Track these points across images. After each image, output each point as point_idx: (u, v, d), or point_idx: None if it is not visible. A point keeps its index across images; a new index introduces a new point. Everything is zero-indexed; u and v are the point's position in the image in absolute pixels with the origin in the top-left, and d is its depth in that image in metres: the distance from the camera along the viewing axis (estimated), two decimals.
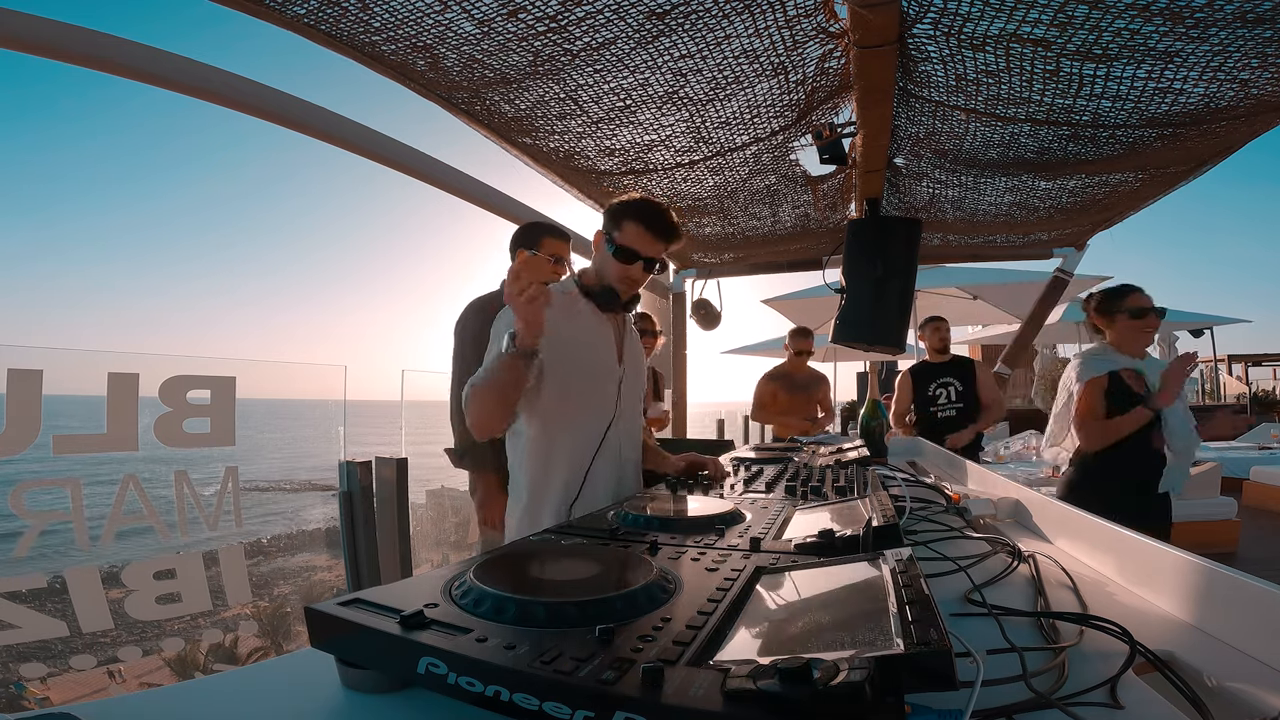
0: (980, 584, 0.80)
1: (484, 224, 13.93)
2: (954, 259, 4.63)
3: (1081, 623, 0.67)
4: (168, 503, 1.99)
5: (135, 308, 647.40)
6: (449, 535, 3.42)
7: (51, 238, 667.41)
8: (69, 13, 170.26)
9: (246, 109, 1.78)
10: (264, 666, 0.65)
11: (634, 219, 1.39)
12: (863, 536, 0.76)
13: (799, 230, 3.61)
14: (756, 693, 0.37)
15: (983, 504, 1.35)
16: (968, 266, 5.94)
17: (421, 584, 0.61)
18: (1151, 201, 3.05)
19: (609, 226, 1.43)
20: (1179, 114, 1.99)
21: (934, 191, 3.02)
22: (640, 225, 1.39)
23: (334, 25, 1.61)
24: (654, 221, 1.40)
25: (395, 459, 2.55)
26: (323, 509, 2.76)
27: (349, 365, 2.84)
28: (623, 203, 1.44)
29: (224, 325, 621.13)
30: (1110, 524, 0.95)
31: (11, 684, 1.75)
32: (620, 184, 2.86)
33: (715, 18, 1.63)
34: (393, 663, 0.49)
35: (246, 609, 2.23)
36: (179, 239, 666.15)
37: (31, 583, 1.76)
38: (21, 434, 1.71)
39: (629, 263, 1.40)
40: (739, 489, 1.32)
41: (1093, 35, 1.60)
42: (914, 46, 1.77)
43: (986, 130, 2.25)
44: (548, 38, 1.69)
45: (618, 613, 0.54)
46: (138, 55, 1.55)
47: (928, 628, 0.43)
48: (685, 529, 0.91)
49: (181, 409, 2.01)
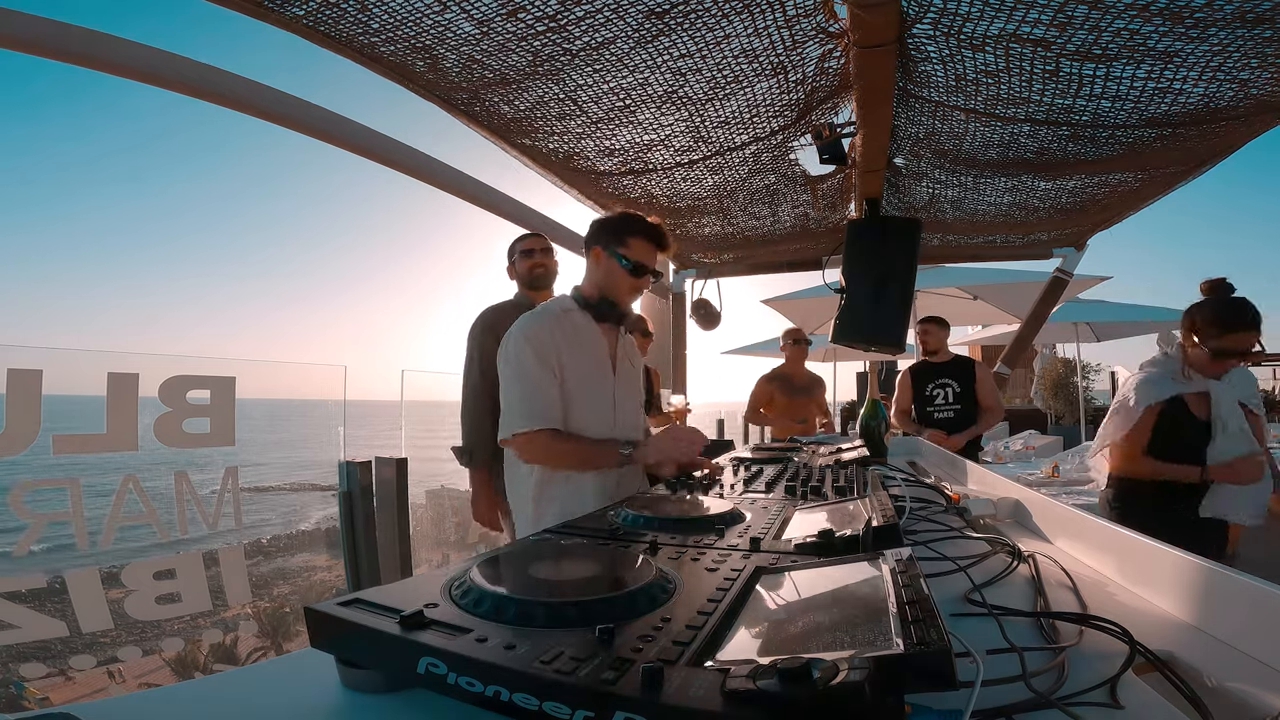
0: (980, 584, 0.80)
1: (484, 224, 13.88)
2: (954, 259, 4.62)
3: (1081, 623, 0.67)
4: (168, 502, 1.99)
5: (135, 308, 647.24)
6: (449, 535, 3.43)
7: (51, 238, 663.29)
8: (69, 13, 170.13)
9: (245, 109, 1.78)
10: (264, 666, 0.65)
11: (639, 235, 1.53)
12: (863, 536, 0.76)
13: (799, 230, 3.61)
14: (756, 692, 0.37)
15: (983, 504, 1.35)
16: (968, 266, 5.94)
17: (421, 584, 0.61)
18: (1151, 201, 3.05)
19: (612, 243, 1.53)
20: (1178, 114, 1.99)
21: (934, 191, 3.02)
22: (645, 240, 1.53)
23: (333, 26, 1.61)
24: (657, 235, 1.54)
25: (395, 459, 2.56)
26: (323, 509, 2.76)
27: (349, 365, 2.84)
28: (622, 219, 1.56)
29: (223, 325, 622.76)
30: (1110, 524, 0.95)
31: (11, 684, 1.75)
32: (620, 184, 2.86)
33: (714, 17, 1.63)
34: (393, 663, 0.49)
35: (246, 609, 2.23)
36: (179, 238, 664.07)
37: (31, 582, 1.76)
38: (21, 434, 1.71)
39: (641, 276, 1.54)
40: (739, 489, 1.32)
41: (1093, 35, 1.60)
42: (914, 46, 1.77)
43: (986, 130, 2.25)
44: (547, 38, 1.69)
45: (617, 613, 0.54)
46: (137, 55, 1.55)
47: (927, 628, 0.43)
48: (685, 529, 0.91)
49: (181, 409, 2.01)
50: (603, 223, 1.58)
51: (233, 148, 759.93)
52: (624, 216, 1.56)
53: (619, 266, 1.52)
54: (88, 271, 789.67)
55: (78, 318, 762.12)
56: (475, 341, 2.28)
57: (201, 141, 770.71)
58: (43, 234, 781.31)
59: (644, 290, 1.59)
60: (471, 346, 2.29)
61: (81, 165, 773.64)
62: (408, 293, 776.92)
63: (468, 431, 2.25)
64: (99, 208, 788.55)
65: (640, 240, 1.52)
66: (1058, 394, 13.44)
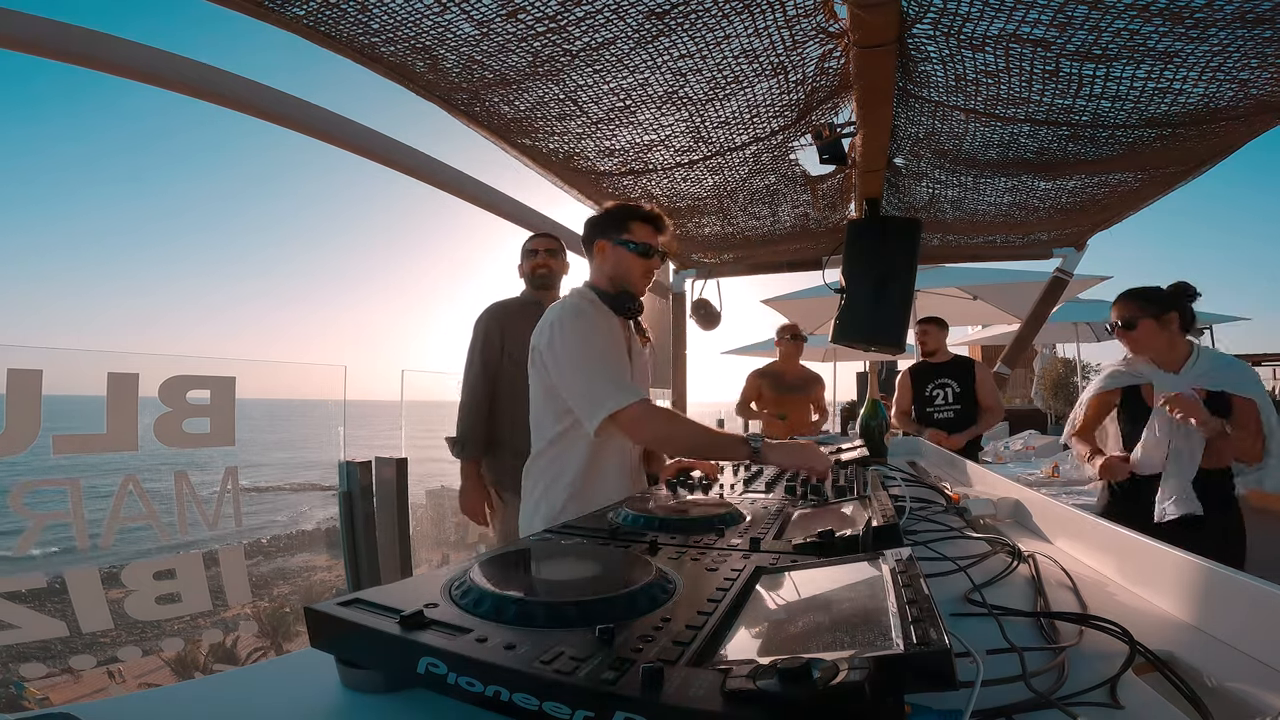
0: (980, 584, 0.80)
1: (483, 224, 13.82)
2: (954, 259, 4.62)
3: (1081, 623, 0.67)
4: (168, 502, 1.99)
5: (135, 308, 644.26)
6: (449, 535, 3.42)
7: (51, 238, 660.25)
8: (69, 13, 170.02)
9: (245, 109, 1.78)
10: (264, 666, 0.66)
11: (638, 220, 1.56)
12: (862, 536, 0.76)
13: (798, 230, 3.60)
14: (756, 692, 0.37)
15: (983, 504, 1.35)
16: (968, 266, 5.94)
17: (421, 584, 0.62)
18: (1151, 201, 3.05)
19: (615, 232, 1.55)
20: (1178, 114, 1.99)
21: (934, 191, 3.02)
22: (644, 222, 1.56)
23: (333, 27, 1.61)
24: (654, 218, 1.57)
25: (395, 459, 2.56)
26: (323, 509, 2.76)
27: (349, 365, 2.84)
28: (619, 208, 1.58)
29: (223, 325, 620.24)
30: (1110, 524, 0.95)
31: (11, 684, 1.75)
32: (620, 184, 2.86)
33: (715, 18, 1.63)
34: (393, 663, 0.49)
35: (246, 609, 2.22)
36: (179, 238, 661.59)
37: (31, 582, 1.76)
38: (21, 434, 1.71)
39: (649, 257, 1.56)
40: (739, 489, 1.33)
41: (1092, 35, 1.60)
42: (914, 47, 1.77)
43: (986, 130, 2.25)
44: (547, 38, 1.69)
45: (617, 613, 0.54)
46: (137, 55, 1.55)
47: (927, 628, 0.43)
48: (685, 529, 0.91)
49: (181, 409, 2.01)
50: (601, 216, 1.60)
51: (233, 148, 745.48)
52: (620, 206, 1.60)
53: (627, 252, 1.53)
54: (88, 271, 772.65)
55: (78, 318, 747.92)
56: (479, 332, 2.31)
57: (201, 141, 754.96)
58: (43, 234, 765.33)
59: (654, 274, 1.60)
60: (475, 337, 2.32)
61: (81, 165, 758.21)
62: (408, 293, 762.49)
63: (463, 421, 2.27)
64: (99, 208, 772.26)
65: (640, 224, 1.55)
66: (1058, 394, 13.44)
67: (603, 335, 1.43)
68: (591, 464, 1.48)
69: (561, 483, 1.48)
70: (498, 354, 2.29)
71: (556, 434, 1.49)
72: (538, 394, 1.52)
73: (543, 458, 1.53)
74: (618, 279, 1.56)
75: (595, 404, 1.35)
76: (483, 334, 2.30)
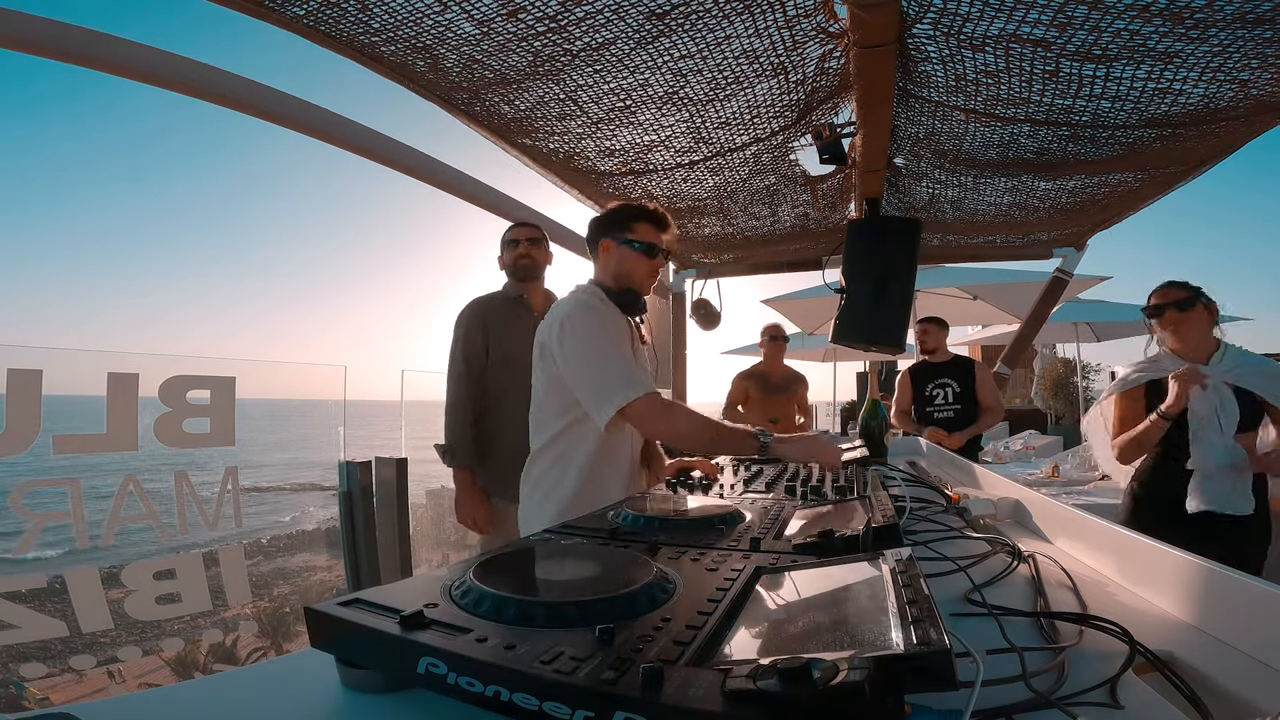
0: (980, 584, 0.80)
1: (484, 224, 13.83)
2: (954, 259, 4.62)
3: (1081, 623, 0.67)
4: (168, 503, 1.99)
5: (135, 308, 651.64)
6: (449, 535, 3.42)
7: (51, 238, 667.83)
8: (69, 13, 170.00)
9: (245, 109, 1.78)
10: (264, 666, 0.66)
11: (641, 219, 1.56)
12: (862, 536, 0.76)
13: (798, 230, 3.61)
14: (756, 692, 0.37)
15: (983, 504, 1.35)
16: (968, 266, 5.93)
17: (421, 584, 0.62)
18: (1151, 201, 3.05)
19: (618, 231, 1.55)
20: (1178, 114, 1.99)
21: (934, 191, 3.02)
22: (648, 223, 1.56)
23: (333, 26, 1.61)
24: (657, 217, 1.57)
25: (395, 459, 2.55)
26: (323, 509, 2.76)
27: (348, 365, 2.84)
28: (623, 208, 1.59)
29: (223, 325, 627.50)
30: (1110, 524, 0.95)
31: (11, 684, 1.75)
32: (620, 184, 2.86)
33: (715, 18, 1.63)
34: (393, 663, 0.49)
35: (246, 609, 2.22)
36: (179, 238, 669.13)
37: (31, 583, 1.76)
38: (21, 434, 1.71)
39: (653, 256, 1.56)
40: (739, 489, 1.32)
41: (1093, 36, 1.60)
42: (914, 47, 1.77)
43: (986, 130, 2.25)
44: (547, 38, 1.69)
45: (617, 613, 0.54)
46: (137, 55, 1.55)
47: (927, 628, 0.43)
48: (685, 529, 0.91)
49: (181, 409, 2.01)
50: (604, 216, 1.60)
51: (233, 148, 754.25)
52: (623, 205, 1.60)
53: (632, 251, 1.54)
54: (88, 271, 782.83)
55: (78, 318, 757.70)
56: (460, 332, 2.19)
57: (201, 141, 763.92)
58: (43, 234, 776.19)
59: (658, 272, 1.60)
60: (456, 337, 2.20)
61: (81, 165, 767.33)
62: (408, 293, 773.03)
63: (450, 427, 2.15)
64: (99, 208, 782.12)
65: (644, 224, 1.56)
66: (1058, 394, 13.43)
67: (611, 330, 1.44)
68: (593, 462, 1.47)
69: (564, 482, 1.48)
70: (481, 354, 2.17)
71: (558, 431, 1.48)
72: (541, 389, 1.51)
73: (544, 456, 1.52)
74: (622, 278, 1.56)
75: (605, 397, 1.35)
76: (464, 334, 2.18)
